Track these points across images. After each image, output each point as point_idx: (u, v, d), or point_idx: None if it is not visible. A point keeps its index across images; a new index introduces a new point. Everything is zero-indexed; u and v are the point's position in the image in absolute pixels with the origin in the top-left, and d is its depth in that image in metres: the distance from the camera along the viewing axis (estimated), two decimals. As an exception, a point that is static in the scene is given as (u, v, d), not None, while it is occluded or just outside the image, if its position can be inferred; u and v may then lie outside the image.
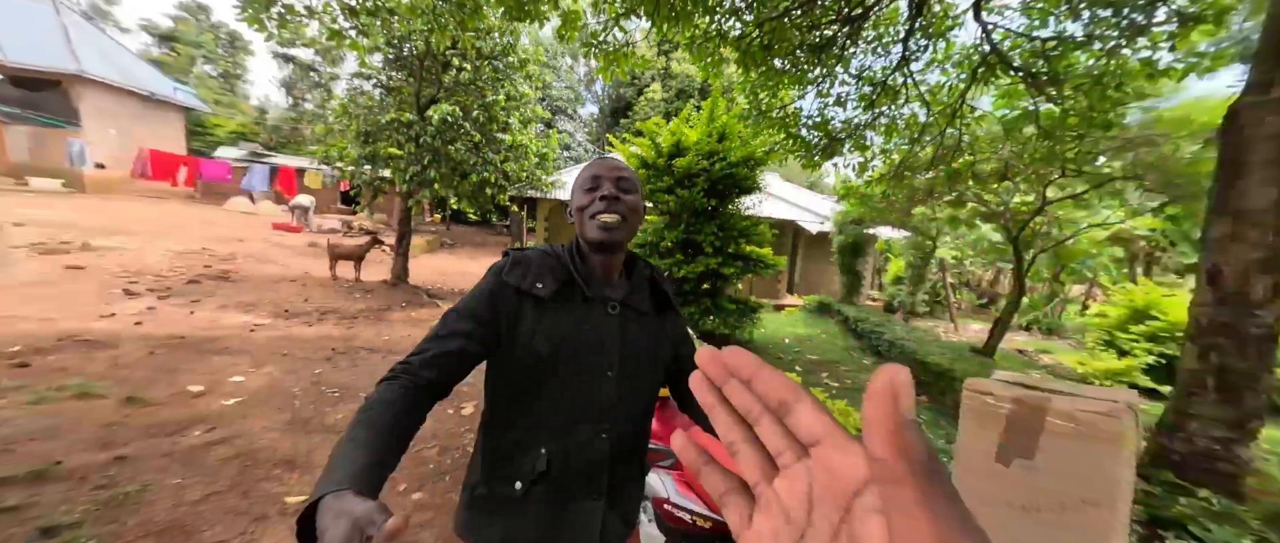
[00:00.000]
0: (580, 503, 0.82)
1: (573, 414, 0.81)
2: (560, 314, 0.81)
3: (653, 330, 0.89)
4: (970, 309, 12.54)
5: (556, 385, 0.80)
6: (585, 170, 0.85)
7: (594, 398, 0.81)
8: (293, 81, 23.27)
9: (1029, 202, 5.96)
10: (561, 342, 0.79)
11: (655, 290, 0.92)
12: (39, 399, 2.66)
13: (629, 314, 0.86)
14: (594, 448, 0.81)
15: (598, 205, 0.81)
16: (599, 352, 0.82)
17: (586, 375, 0.81)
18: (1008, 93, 4.41)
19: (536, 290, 0.80)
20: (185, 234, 8.92)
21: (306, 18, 3.77)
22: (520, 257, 0.84)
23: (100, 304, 4.75)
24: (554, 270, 0.82)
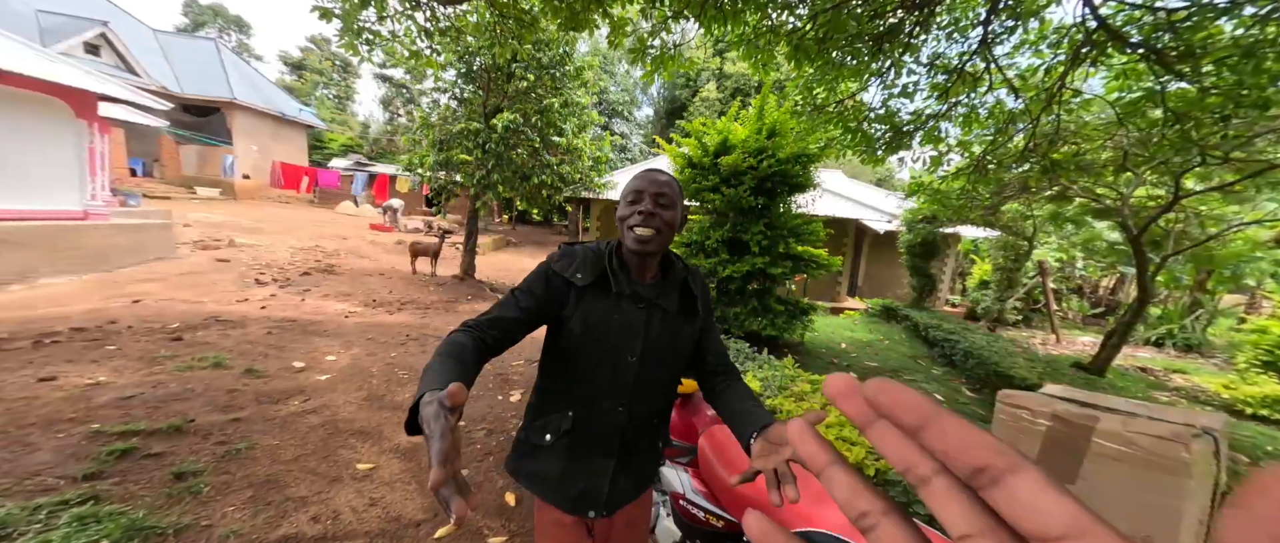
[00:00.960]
0: (595, 459, 0.98)
1: (598, 388, 0.95)
2: (595, 302, 0.94)
3: (676, 327, 1.00)
4: (1080, 320, 10.81)
5: (587, 362, 0.94)
6: (633, 180, 0.96)
7: (616, 377, 0.95)
8: (388, 99, 26.16)
9: (1158, 195, 5.02)
10: (594, 326, 0.93)
11: (685, 291, 1.02)
12: (186, 367, 3.26)
13: (655, 310, 0.97)
14: (612, 418, 0.97)
15: (635, 219, 0.92)
16: (625, 339, 0.94)
17: (612, 357, 0.94)
18: (1123, 72, 3.77)
19: (577, 280, 0.94)
20: (304, 233, 10.37)
21: (391, 41, 4.23)
22: (569, 251, 0.99)
23: (237, 291, 5.69)
24: (595, 265, 0.96)
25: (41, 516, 1.73)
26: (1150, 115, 3.82)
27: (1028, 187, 5.20)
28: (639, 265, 0.98)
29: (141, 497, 1.95)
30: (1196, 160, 4.08)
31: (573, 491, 0.97)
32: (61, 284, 5.21)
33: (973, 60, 3.69)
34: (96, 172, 6.21)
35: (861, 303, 9.51)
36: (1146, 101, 3.68)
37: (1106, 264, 8.30)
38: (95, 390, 2.78)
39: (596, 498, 0.97)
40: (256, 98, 16.69)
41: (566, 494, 0.97)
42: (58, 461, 2.10)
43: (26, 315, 4.02)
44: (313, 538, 1.86)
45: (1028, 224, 7.16)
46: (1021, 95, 3.74)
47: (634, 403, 0.97)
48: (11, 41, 5.62)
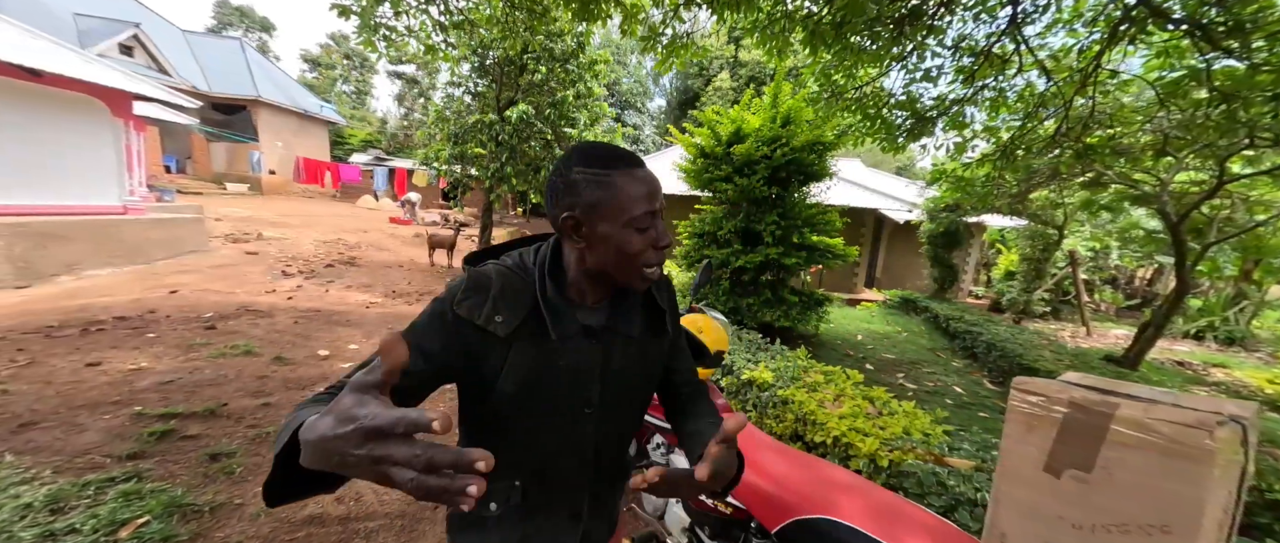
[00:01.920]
0: (560, 521, 0.78)
1: (550, 452, 0.73)
2: (528, 350, 0.68)
3: (642, 353, 0.78)
4: (1113, 312, 10.38)
5: (527, 423, 0.70)
6: (633, 192, 0.66)
7: (572, 437, 0.73)
8: (403, 94, 26.57)
9: (1201, 181, 4.76)
10: (532, 382, 0.68)
11: (650, 306, 0.80)
12: (219, 354, 3.41)
13: (613, 341, 0.73)
14: (573, 478, 0.76)
15: (656, 256, 0.69)
16: (577, 389, 0.71)
17: (564, 416, 0.71)
18: (1165, 50, 3.55)
19: (496, 327, 0.66)
20: (327, 226, 10.68)
21: (407, 36, 4.29)
22: (478, 280, 0.68)
23: (266, 282, 5.91)
24: (519, 298, 0.68)
25: (91, 491, 1.85)
26: (1193, 96, 3.62)
27: (1059, 173, 4.99)
28: (595, 289, 0.73)
29: (180, 476, 2.06)
30: (1244, 142, 3.85)
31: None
32: (105, 276, 5.50)
33: (1001, 41, 3.53)
34: (133, 168, 6.49)
35: (880, 294, 9.33)
36: (1190, 81, 3.48)
37: (1143, 254, 7.93)
38: (137, 375, 2.94)
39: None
40: (280, 95, 17.14)
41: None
42: (104, 440, 2.23)
43: (74, 305, 4.26)
44: (337, 518, 1.94)
45: (1058, 212, 6.88)
46: (1053, 77, 3.58)
47: (600, 455, 0.77)
48: (54, 45, 5.89)
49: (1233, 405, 0.62)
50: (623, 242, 0.67)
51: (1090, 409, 0.67)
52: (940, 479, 1.71)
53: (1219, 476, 0.57)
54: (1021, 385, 0.75)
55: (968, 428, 2.86)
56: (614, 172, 0.66)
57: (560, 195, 0.68)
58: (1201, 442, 0.57)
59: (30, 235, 5.15)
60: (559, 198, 0.68)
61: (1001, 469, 0.77)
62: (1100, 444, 0.66)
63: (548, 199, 0.71)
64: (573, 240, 0.69)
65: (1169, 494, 0.60)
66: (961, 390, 4.11)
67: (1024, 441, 0.74)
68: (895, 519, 0.98)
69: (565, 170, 0.68)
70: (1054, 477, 0.70)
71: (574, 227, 0.68)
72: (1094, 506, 0.67)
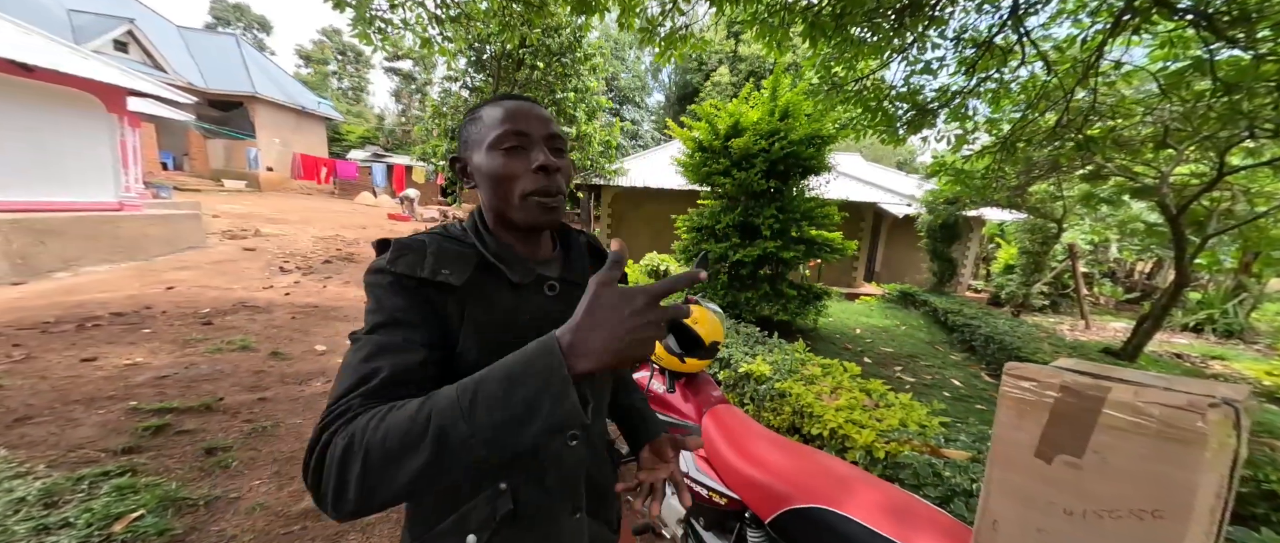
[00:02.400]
0: (562, 523, 0.67)
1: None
2: (483, 307, 0.61)
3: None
4: (1113, 305, 10.38)
5: None
6: (495, 115, 0.62)
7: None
8: (400, 90, 26.46)
9: (1201, 173, 4.73)
10: (494, 341, 0.57)
11: (597, 257, 0.78)
12: (216, 350, 3.41)
13: (573, 292, 0.64)
14: (567, 459, 0.67)
15: (534, 181, 0.62)
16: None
17: None
18: (1169, 41, 3.53)
19: (443, 277, 0.58)
20: (325, 222, 10.66)
21: (402, 29, 4.25)
22: (406, 242, 0.60)
23: (263, 278, 5.90)
24: (460, 255, 0.61)
25: (84, 485, 1.85)
26: (1196, 87, 3.59)
27: (1059, 165, 4.96)
28: (529, 240, 0.68)
29: (175, 470, 2.06)
30: (1245, 134, 3.83)
31: None
32: (103, 272, 5.49)
33: (1003, 32, 3.50)
34: (129, 165, 6.47)
35: (879, 288, 9.33)
36: (1193, 72, 3.45)
37: (1143, 247, 7.92)
38: (133, 371, 2.93)
39: None
40: (277, 92, 17.06)
41: None
42: (99, 435, 2.23)
43: (71, 301, 4.25)
44: (334, 510, 1.94)
45: (1058, 206, 6.86)
46: (1056, 69, 3.55)
47: (589, 426, 0.68)
48: (47, 40, 5.85)
49: (1225, 388, 0.61)
50: (492, 167, 0.62)
51: (1082, 394, 0.66)
52: (936, 470, 1.71)
53: (1211, 459, 0.56)
54: (1013, 371, 0.74)
55: (964, 420, 2.86)
56: (484, 107, 0.66)
57: (459, 148, 0.70)
58: (1193, 424, 0.56)
59: (27, 231, 5.13)
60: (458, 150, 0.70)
61: (993, 456, 0.76)
62: (1092, 429, 0.65)
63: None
64: (468, 184, 0.69)
65: (1161, 478, 0.59)
66: (959, 383, 4.11)
67: (1016, 427, 0.73)
68: (889, 508, 0.98)
69: (461, 126, 0.70)
70: (1045, 462, 0.69)
71: (461, 169, 0.68)
72: (1086, 491, 0.66)
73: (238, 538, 1.73)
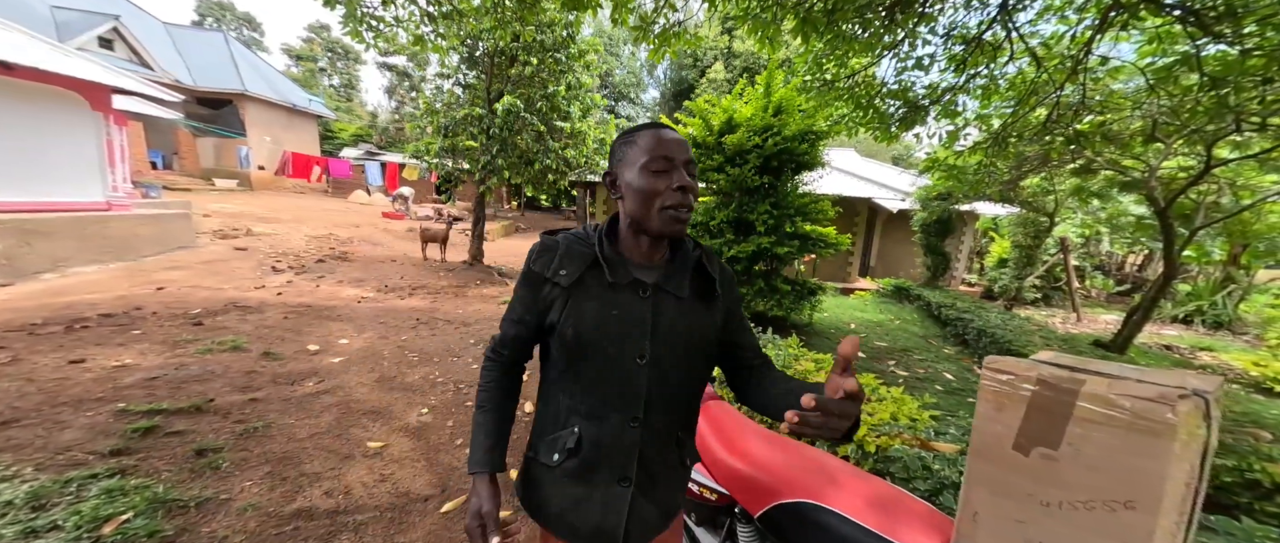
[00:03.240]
0: (609, 486, 0.82)
1: (604, 400, 0.81)
2: (586, 300, 0.79)
3: (692, 317, 0.83)
4: (1104, 298, 10.50)
5: (588, 370, 0.80)
6: (648, 142, 0.78)
7: (624, 386, 0.80)
8: (393, 87, 26.20)
9: (1188, 166, 4.78)
10: (588, 327, 0.78)
11: (700, 274, 0.86)
12: (206, 350, 3.38)
13: (664, 298, 0.81)
14: (624, 436, 0.81)
15: (674, 197, 0.77)
16: (629, 338, 0.79)
17: (616, 362, 0.79)
18: (1156, 36, 3.55)
19: (560, 278, 0.80)
20: (318, 222, 10.57)
21: (394, 26, 4.21)
22: (548, 243, 0.84)
23: (255, 277, 5.85)
24: (581, 255, 0.81)
25: (73, 488, 1.83)
26: (1184, 81, 3.62)
27: (1049, 160, 5.00)
28: (647, 245, 0.83)
29: (165, 471, 2.04)
30: (1231, 128, 3.87)
31: (585, 525, 0.82)
32: (91, 273, 5.42)
33: (993, 29, 3.52)
34: (116, 163, 6.38)
35: (873, 283, 9.38)
36: (1181, 66, 3.48)
37: (1133, 239, 8.00)
38: (122, 372, 2.91)
39: (612, 534, 0.82)
40: (267, 89, 16.85)
41: (577, 530, 0.83)
42: (87, 437, 2.21)
43: (59, 302, 4.20)
44: (326, 512, 1.93)
45: (1049, 199, 6.91)
46: (1045, 64, 3.57)
47: (650, 415, 0.81)
48: (30, 37, 5.75)
49: (1197, 379, 0.62)
50: (641, 185, 0.77)
51: (1057, 386, 0.67)
52: (926, 464, 1.73)
53: (1181, 449, 0.57)
54: (992, 365, 0.75)
55: (955, 413, 2.88)
56: (639, 132, 0.81)
57: (609, 164, 0.85)
58: (1163, 416, 0.57)
59: (13, 232, 5.06)
60: (609, 167, 0.86)
61: (973, 448, 0.77)
62: (1067, 421, 0.66)
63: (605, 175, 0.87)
64: (614, 196, 0.84)
65: (1132, 469, 0.60)
66: (952, 376, 4.14)
67: (994, 419, 0.74)
68: (873, 501, 0.99)
69: (614, 145, 0.85)
70: (1023, 454, 0.70)
71: (612, 182, 0.84)
72: (1061, 482, 0.67)
73: (229, 539, 1.72)
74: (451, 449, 2.47)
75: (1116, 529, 0.60)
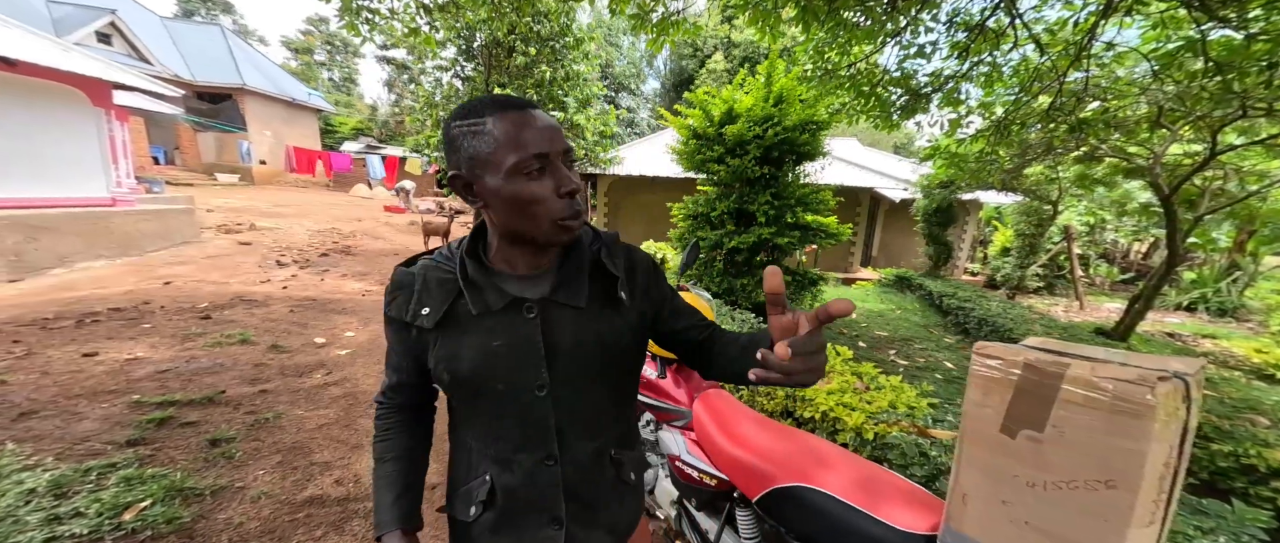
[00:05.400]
0: (538, 531, 0.70)
1: (510, 442, 0.68)
2: (460, 336, 0.66)
3: (599, 326, 0.69)
4: (1108, 286, 10.47)
5: (483, 410, 0.68)
6: (508, 133, 0.59)
7: (526, 423, 0.67)
8: (392, 80, 26.04)
9: (1194, 152, 4.74)
10: (465, 366, 0.65)
11: (600, 272, 0.72)
12: (215, 343, 3.43)
13: (557, 313, 0.67)
14: (539, 478, 0.69)
15: (562, 207, 0.62)
16: (520, 369, 0.66)
17: (510, 399, 0.66)
18: (1161, 21, 3.51)
19: (422, 320, 0.66)
20: (320, 216, 10.61)
21: (390, 18, 4.19)
22: (402, 278, 0.69)
23: (260, 272, 5.90)
24: (443, 285, 0.67)
25: (93, 477, 1.89)
26: (1189, 67, 3.58)
27: (1053, 147, 4.96)
28: (523, 255, 0.68)
29: (180, 461, 2.10)
30: (1237, 113, 3.83)
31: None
32: (98, 268, 5.48)
33: (996, 15, 3.48)
34: (118, 159, 6.41)
35: (875, 273, 9.37)
36: (1186, 52, 3.44)
37: (1138, 227, 7.96)
38: (134, 365, 2.96)
39: None
40: (266, 83, 16.79)
41: None
42: (104, 428, 2.27)
43: (69, 297, 4.26)
44: (336, 500, 1.98)
45: (1053, 187, 6.87)
46: (1048, 51, 3.53)
47: (567, 449, 0.69)
48: (30, 33, 5.74)
49: (1177, 362, 0.64)
50: (515, 193, 0.60)
51: (1043, 370, 0.69)
52: (923, 450, 1.76)
53: (1159, 430, 0.59)
54: (982, 350, 0.77)
55: (953, 401, 2.91)
56: (485, 117, 0.60)
57: (448, 157, 0.64)
58: (1143, 397, 0.59)
59: (19, 228, 5.11)
60: (449, 160, 0.64)
61: (963, 432, 0.80)
62: (1052, 404, 0.68)
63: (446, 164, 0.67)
64: (470, 202, 0.65)
65: (1113, 450, 0.62)
66: (952, 365, 4.17)
67: (983, 403, 0.76)
68: (866, 484, 1.02)
69: (445, 129, 0.65)
70: (1010, 437, 0.73)
71: (464, 187, 0.64)
72: (1046, 464, 0.69)
73: (244, 526, 1.78)
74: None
75: (1098, 508, 0.63)
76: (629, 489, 0.79)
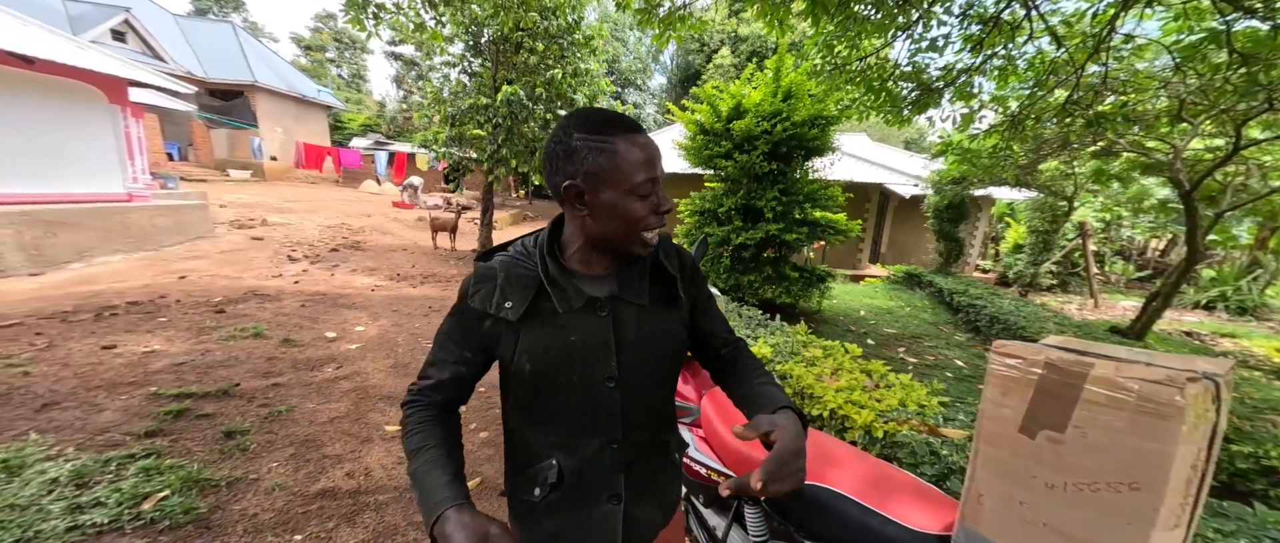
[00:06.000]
0: (599, 506, 0.77)
1: (577, 428, 0.74)
2: (539, 331, 0.71)
3: (657, 322, 0.77)
4: (1123, 284, 10.28)
5: (554, 400, 0.73)
6: (635, 157, 0.66)
7: (596, 412, 0.74)
8: (401, 76, 26.15)
9: (1216, 147, 4.62)
10: (547, 360, 0.71)
11: (659, 272, 0.79)
12: (229, 337, 3.49)
13: (624, 309, 0.74)
14: (604, 460, 0.76)
15: (654, 222, 0.70)
16: (593, 363, 0.72)
17: (582, 390, 0.72)
18: (1183, 12, 3.41)
19: (505, 312, 0.70)
20: (330, 211, 10.71)
21: (396, 13, 4.20)
22: (485, 271, 0.73)
23: (272, 267, 5.98)
24: (525, 281, 0.71)
25: (113, 467, 1.93)
26: (1213, 59, 3.48)
27: (1069, 143, 4.86)
28: (599, 258, 0.75)
29: (196, 452, 2.14)
30: (1263, 106, 3.72)
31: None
32: (115, 262, 5.59)
33: (1011, 7, 3.40)
34: (134, 155, 6.51)
35: (884, 270, 9.28)
36: (1209, 43, 3.34)
37: (1156, 223, 7.79)
38: (151, 358, 3.02)
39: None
40: (277, 80, 16.95)
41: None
42: (123, 419, 2.32)
43: (88, 290, 4.35)
44: (348, 492, 2.01)
45: (1068, 183, 6.74)
46: (1065, 43, 3.45)
47: (629, 434, 0.76)
48: (48, 32, 5.84)
49: (1206, 363, 0.63)
50: (626, 209, 0.67)
51: (1065, 370, 0.67)
52: (933, 449, 1.74)
53: (1187, 432, 0.58)
54: (1000, 349, 0.75)
55: (965, 400, 2.88)
56: (614, 138, 0.66)
57: (560, 163, 0.68)
58: (1171, 399, 0.58)
59: (39, 223, 5.22)
60: (559, 166, 0.68)
61: (980, 431, 0.78)
62: (1074, 405, 0.67)
63: (547, 168, 0.71)
64: (574, 209, 0.70)
65: (1138, 452, 0.61)
66: (962, 364, 4.12)
67: (1001, 403, 0.75)
68: (881, 485, 1.01)
69: (564, 137, 0.68)
70: (1029, 437, 0.71)
71: (577, 195, 0.68)
72: (1066, 464, 0.68)
73: (259, 517, 1.81)
74: (465, 434, 2.53)
75: (1120, 510, 0.61)
76: (674, 468, 0.89)
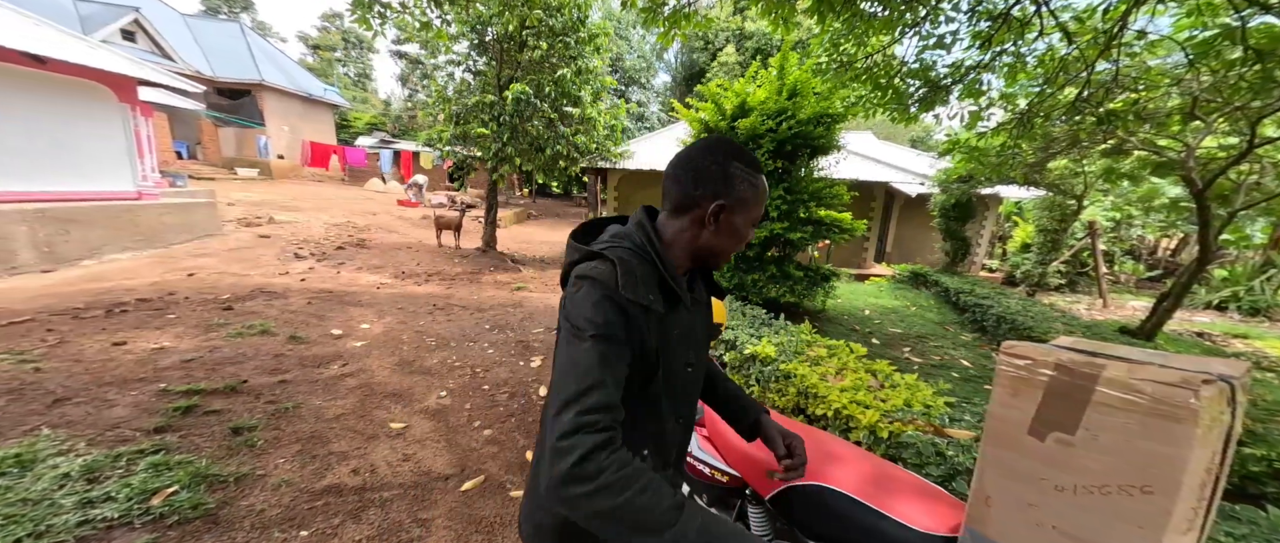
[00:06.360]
0: (662, 475, 0.86)
1: (668, 413, 0.83)
2: (670, 320, 0.78)
3: (705, 315, 0.92)
4: (1133, 283, 10.15)
5: (656, 389, 0.79)
6: (763, 198, 0.80)
7: (684, 394, 0.85)
8: (406, 75, 26.25)
9: (1229, 145, 4.55)
10: (666, 348, 0.78)
11: (706, 276, 0.93)
12: (237, 334, 3.52)
13: (699, 308, 0.89)
14: (675, 436, 0.87)
15: (742, 249, 0.88)
16: (688, 351, 0.83)
17: (679, 375, 0.82)
18: (1197, 8, 3.35)
19: (653, 303, 0.74)
20: (336, 209, 10.78)
21: (401, 12, 4.21)
22: (627, 267, 0.72)
23: (279, 264, 6.03)
24: (649, 277, 0.75)
25: (123, 462, 1.96)
26: (1227, 56, 3.42)
27: (1079, 141, 4.80)
28: (684, 261, 0.83)
29: (205, 448, 2.16)
30: (1277, 104, 3.66)
31: None
32: (125, 260, 5.65)
33: (1021, 3, 3.36)
34: (144, 154, 6.57)
35: (889, 269, 9.22)
36: (1223, 40, 3.29)
37: (1167, 222, 7.68)
38: (160, 354, 3.06)
39: None
40: (283, 79, 17.06)
41: None
42: (133, 415, 2.34)
43: (99, 287, 4.40)
44: (353, 489, 2.03)
45: (1077, 182, 6.66)
46: (1076, 40, 3.40)
47: (691, 412, 0.89)
48: (59, 31, 5.90)
49: (1220, 364, 0.61)
50: (743, 235, 0.80)
51: (1076, 371, 0.66)
52: (939, 449, 1.73)
53: (1202, 435, 0.57)
54: (1009, 349, 0.74)
55: (970, 400, 2.86)
56: (759, 177, 0.79)
57: (713, 182, 0.76)
58: (1186, 401, 0.57)
59: (51, 221, 5.29)
60: (707, 183, 0.76)
61: (988, 432, 0.77)
62: (1085, 407, 0.66)
63: (690, 180, 0.77)
64: (706, 223, 0.78)
65: (1151, 454, 0.60)
66: (969, 364, 4.09)
67: (1010, 404, 0.74)
68: (887, 485, 1.00)
69: (722, 161, 0.77)
70: (1038, 440, 0.70)
71: (719, 212, 0.77)
72: (1077, 467, 0.67)
73: (266, 513, 1.82)
74: (469, 431, 2.55)
75: (1132, 513, 0.61)
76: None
